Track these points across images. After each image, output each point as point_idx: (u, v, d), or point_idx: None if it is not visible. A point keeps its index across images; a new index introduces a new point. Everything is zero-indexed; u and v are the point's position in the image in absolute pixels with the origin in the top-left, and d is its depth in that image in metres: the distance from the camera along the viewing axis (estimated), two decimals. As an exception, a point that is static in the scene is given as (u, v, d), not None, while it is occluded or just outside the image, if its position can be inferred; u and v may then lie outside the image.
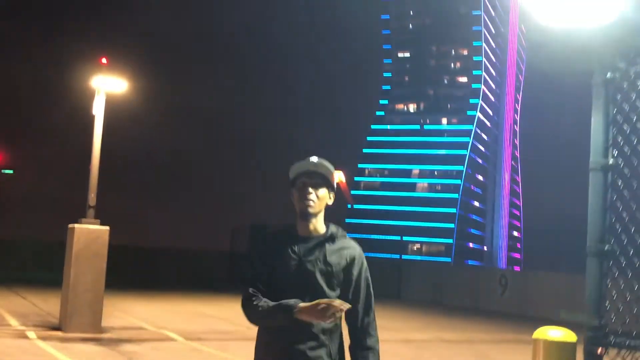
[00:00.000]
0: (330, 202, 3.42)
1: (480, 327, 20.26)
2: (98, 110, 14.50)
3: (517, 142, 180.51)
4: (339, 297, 3.26)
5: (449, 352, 14.67)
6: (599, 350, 3.52)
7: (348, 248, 3.37)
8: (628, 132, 3.54)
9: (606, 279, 3.58)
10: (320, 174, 3.38)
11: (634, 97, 3.52)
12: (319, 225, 3.38)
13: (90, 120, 14.59)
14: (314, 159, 3.41)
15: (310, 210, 3.33)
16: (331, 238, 3.36)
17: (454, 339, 16.78)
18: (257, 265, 3.41)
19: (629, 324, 3.59)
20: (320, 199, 3.36)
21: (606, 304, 3.59)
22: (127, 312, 17.85)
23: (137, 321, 16.36)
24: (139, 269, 29.79)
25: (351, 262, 3.34)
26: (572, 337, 3.72)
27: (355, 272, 3.35)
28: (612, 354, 3.61)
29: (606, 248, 3.52)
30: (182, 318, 18.07)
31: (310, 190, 3.34)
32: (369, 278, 3.41)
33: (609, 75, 3.55)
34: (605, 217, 3.54)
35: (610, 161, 3.56)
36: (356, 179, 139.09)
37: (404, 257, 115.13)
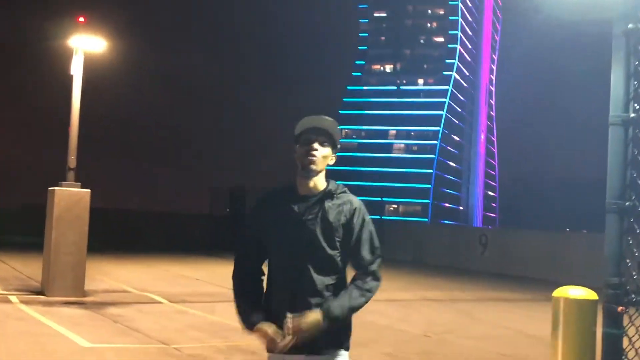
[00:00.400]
0: (331, 162, 3.34)
1: (462, 285, 20.37)
2: (76, 70, 14.16)
3: (492, 102, 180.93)
4: (341, 254, 3.23)
5: (435, 311, 14.72)
6: (619, 308, 3.44)
7: (347, 203, 3.30)
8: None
9: (626, 236, 3.48)
10: (327, 132, 3.29)
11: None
12: (319, 183, 3.30)
13: (69, 80, 14.26)
14: (323, 116, 3.32)
15: (313, 167, 3.25)
16: (330, 195, 3.29)
17: (438, 298, 16.85)
18: (253, 226, 3.38)
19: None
20: (324, 157, 3.28)
21: (627, 262, 3.49)
22: (109, 275, 17.70)
23: (120, 284, 16.23)
24: (117, 232, 29.54)
25: (351, 216, 3.26)
26: (593, 295, 3.65)
27: (356, 225, 3.27)
28: (632, 313, 3.54)
29: (627, 204, 3.43)
30: (164, 281, 17.97)
31: (315, 146, 3.25)
32: (373, 231, 3.32)
33: (630, 25, 3.44)
34: (626, 172, 3.45)
35: (632, 115, 3.45)
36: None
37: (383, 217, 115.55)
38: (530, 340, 11.67)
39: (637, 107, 3.46)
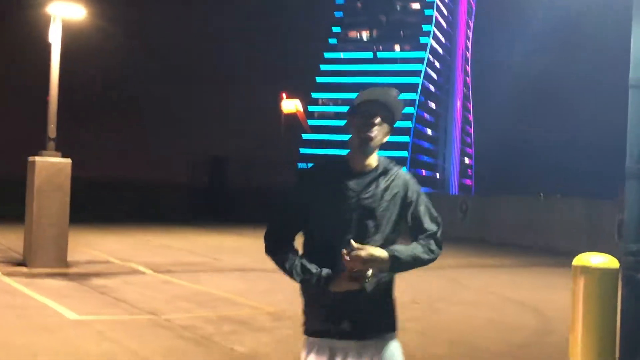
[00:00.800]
0: (385, 140, 3.14)
1: (445, 252, 20.34)
2: (55, 38, 13.81)
3: (468, 69, 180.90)
4: (398, 233, 3.09)
5: (423, 279, 14.63)
6: (640, 275, 3.36)
7: (399, 177, 3.12)
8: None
9: (648, 202, 3.38)
10: (388, 107, 3.07)
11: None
12: (374, 159, 3.12)
13: (47, 48, 13.92)
14: (388, 89, 3.09)
15: (372, 143, 3.04)
16: (385, 171, 3.11)
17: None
18: (298, 198, 3.14)
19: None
20: (383, 133, 3.08)
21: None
22: (91, 246, 17.51)
23: (103, 255, 16.06)
24: (98, 202, 29.26)
25: (406, 191, 3.10)
26: (614, 262, 3.57)
27: (412, 198, 3.10)
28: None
29: (649, 169, 3.33)
30: (147, 251, 17.84)
31: (376, 121, 3.03)
32: (428, 201, 3.16)
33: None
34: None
35: (654, 77, 3.33)
36: (310, 108, 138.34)
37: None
38: (516, 306, 11.73)
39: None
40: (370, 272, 2.87)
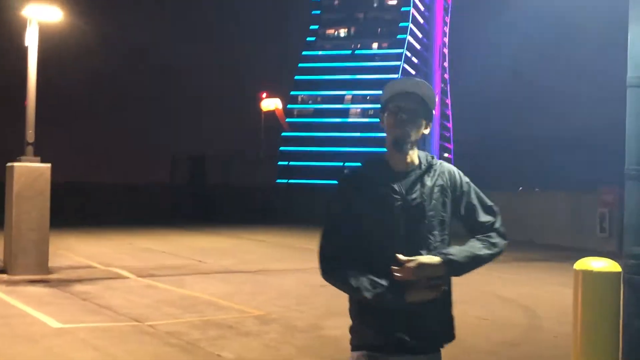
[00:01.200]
0: (426, 132, 2.94)
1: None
2: (31, 42, 13.58)
3: (446, 65, 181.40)
4: (449, 232, 2.86)
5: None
6: (642, 279, 3.29)
7: (444, 171, 2.93)
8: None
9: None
10: (420, 97, 2.86)
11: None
12: (414, 156, 2.90)
13: (23, 52, 13.69)
14: (415, 79, 2.89)
15: (408, 139, 2.83)
16: (429, 167, 2.90)
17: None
18: (340, 211, 2.87)
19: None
20: (417, 128, 2.86)
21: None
22: (72, 251, 17.31)
23: (84, 260, 15.87)
24: (77, 206, 28.95)
25: (454, 185, 2.90)
26: (616, 267, 3.49)
27: (462, 192, 2.91)
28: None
29: (649, 170, 3.26)
30: (129, 255, 17.63)
31: (406, 117, 2.83)
32: (479, 191, 2.95)
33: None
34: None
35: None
36: (289, 106, 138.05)
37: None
38: (505, 303, 11.69)
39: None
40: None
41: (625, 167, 3.32)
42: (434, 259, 2.69)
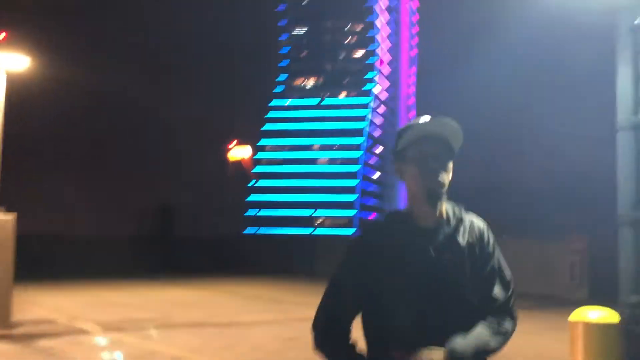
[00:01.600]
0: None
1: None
2: (-2, 91, 13.35)
3: (413, 113, 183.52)
4: (474, 288, 2.43)
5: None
6: (640, 329, 3.14)
7: (473, 225, 2.51)
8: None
9: (645, 250, 3.19)
10: (447, 140, 2.43)
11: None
12: (443, 208, 2.47)
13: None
14: (441, 118, 2.44)
15: (441, 190, 2.41)
16: (460, 220, 2.49)
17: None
18: (349, 277, 2.45)
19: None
20: (448, 172, 2.44)
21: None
22: (37, 304, 16.81)
23: (49, 313, 15.39)
24: (45, 258, 28.34)
25: (481, 243, 2.48)
26: (614, 317, 3.34)
27: (487, 253, 2.49)
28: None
29: (643, 216, 3.15)
30: (95, 308, 17.17)
31: (438, 163, 2.40)
32: (502, 258, 2.57)
33: (637, 21, 3.17)
34: (640, 181, 3.16)
35: (644, 118, 3.17)
36: (258, 155, 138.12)
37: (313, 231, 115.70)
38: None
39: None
40: None
41: (618, 213, 3.21)
42: (438, 355, 2.30)
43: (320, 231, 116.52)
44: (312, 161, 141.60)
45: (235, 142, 53.12)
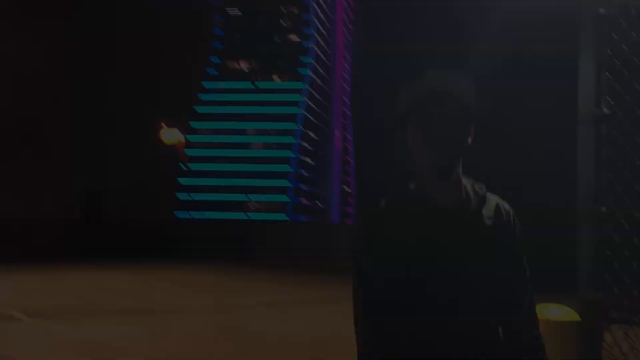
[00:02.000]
0: (469, 142, 2.03)
1: (337, 284, 20.19)
2: None
3: (346, 99, 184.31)
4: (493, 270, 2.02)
5: (314, 312, 14.37)
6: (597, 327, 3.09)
7: (498, 204, 2.11)
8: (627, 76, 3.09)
9: (604, 247, 3.13)
10: (459, 100, 1.98)
11: (635, 36, 3.06)
12: (461, 185, 2.07)
13: None
14: (447, 72, 2.00)
15: (452, 161, 2.00)
16: (482, 199, 2.08)
17: (315, 299, 16.54)
18: (380, 261, 2.03)
19: (637, 297, 3.17)
20: (465, 137, 2.00)
21: (605, 276, 3.13)
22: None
23: (-28, 301, 14.82)
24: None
25: (508, 222, 2.09)
26: (573, 315, 3.25)
27: (509, 230, 2.08)
28: (617, 333, 3.20)
29: (603, 211, 3.07)
30: (21, 293, 16.61)
31: (448, 127, 1.96)
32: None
33: (601, 11, 3.09)
34: (601, 176, 3.09)
35: (605, 110, 3.10)
36: (190, 138, 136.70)
37: (244, 215, 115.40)
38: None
39: (612, 103, 3.12)
40: None
41: (578, 207, 3.14)
42: None
43: (254, 216, 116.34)
44: (246, 145, 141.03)
45: (166, 124, 52.40)
